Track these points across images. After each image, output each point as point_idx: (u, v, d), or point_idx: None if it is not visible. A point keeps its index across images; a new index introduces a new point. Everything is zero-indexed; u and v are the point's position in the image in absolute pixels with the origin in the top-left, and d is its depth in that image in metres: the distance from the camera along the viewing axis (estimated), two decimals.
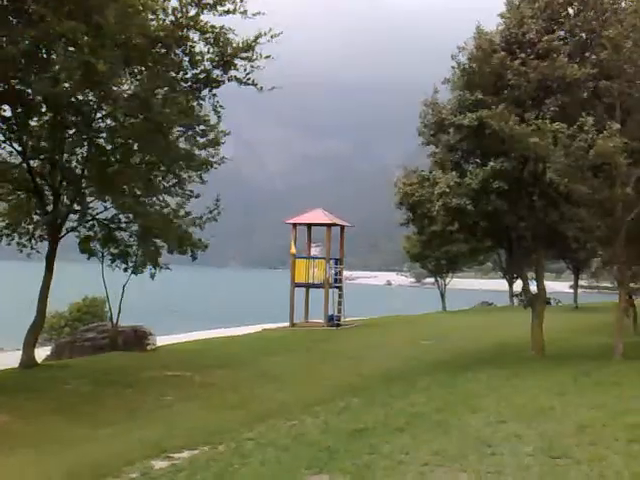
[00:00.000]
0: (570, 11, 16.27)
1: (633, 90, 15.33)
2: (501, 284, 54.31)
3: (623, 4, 15.80)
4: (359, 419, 9.60)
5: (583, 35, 16.34)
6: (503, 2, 16.84)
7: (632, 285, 23.44)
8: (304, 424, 9.67)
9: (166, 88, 14.82)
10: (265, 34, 15.04)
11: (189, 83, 15.66)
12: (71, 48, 12.51)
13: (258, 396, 12.83)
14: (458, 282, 56.54)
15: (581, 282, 47.55)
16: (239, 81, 15.68)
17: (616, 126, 14.15)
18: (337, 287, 28.15)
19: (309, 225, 29.50)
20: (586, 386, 11.65)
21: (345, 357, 18.29)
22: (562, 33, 16.15)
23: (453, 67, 16.59)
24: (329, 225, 28.25)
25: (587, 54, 16.15)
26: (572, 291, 44.34)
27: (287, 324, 27.24)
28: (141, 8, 13.35)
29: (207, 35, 15.10)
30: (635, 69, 15.16)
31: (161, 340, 21.38)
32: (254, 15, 14.74)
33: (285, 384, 14.18)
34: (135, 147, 16.01)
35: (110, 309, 20.74)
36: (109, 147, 16.11)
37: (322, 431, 9.03)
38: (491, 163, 15.48)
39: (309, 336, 23.24)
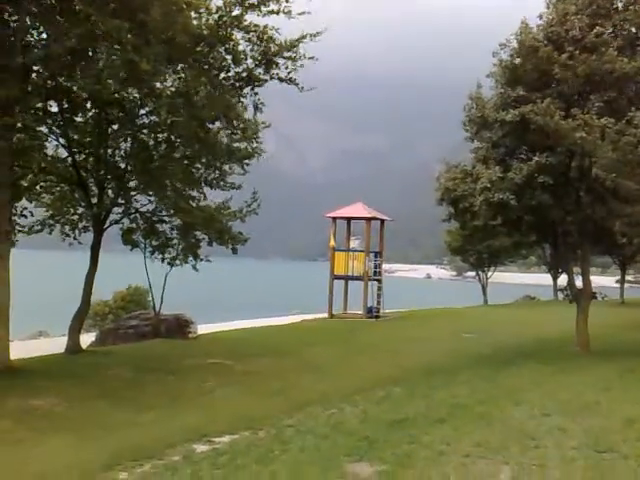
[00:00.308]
0: (619, 5, 15.82)
1: None
2: (545, 278, 53.44)
3: None
4: (399, 409, 9.55)
5: (632, 29, 15.88)
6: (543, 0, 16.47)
7: None
8: (343, 413, 9.67)
9: (208, 86, 14.85)
10: (310, 36, 14.94)
11: (231, 81, 15.70)
12: (116, 46, 12.67)
13: (297, 384, 12.87)
14: (500, 276, 55.81)
15: (628, 277, 46.46)
16: (281, 79, 15.64)
17: None
18: (376, 279, 28.06)
19: (349, 219, 29.45)
20: (631, 382, 11.46)
21: (384, 349, 18.20)
22: (609, 28, 15.72)
23: (495, 64, 16.31)
24: (369, 219, 28.15)
25: (638, 48, 15.68)
26: (618, 286, 43.37)
27: (326, 315, 27.28)
28: (185, 6, 13.43)
29: (250, 34, 15.08)
30: None
31: (202, 329, 21.62)
32: (299, 15, 14.56)
33: (324, 374, 14.19)
34: (177, 143, 16.15)
35: (153, 298, 21.06)
36: (152, 142, 16.28)
37: (361, 420, 9.02)
38: (536, 158, 15.16)
39: (348, 327, 23.22)
